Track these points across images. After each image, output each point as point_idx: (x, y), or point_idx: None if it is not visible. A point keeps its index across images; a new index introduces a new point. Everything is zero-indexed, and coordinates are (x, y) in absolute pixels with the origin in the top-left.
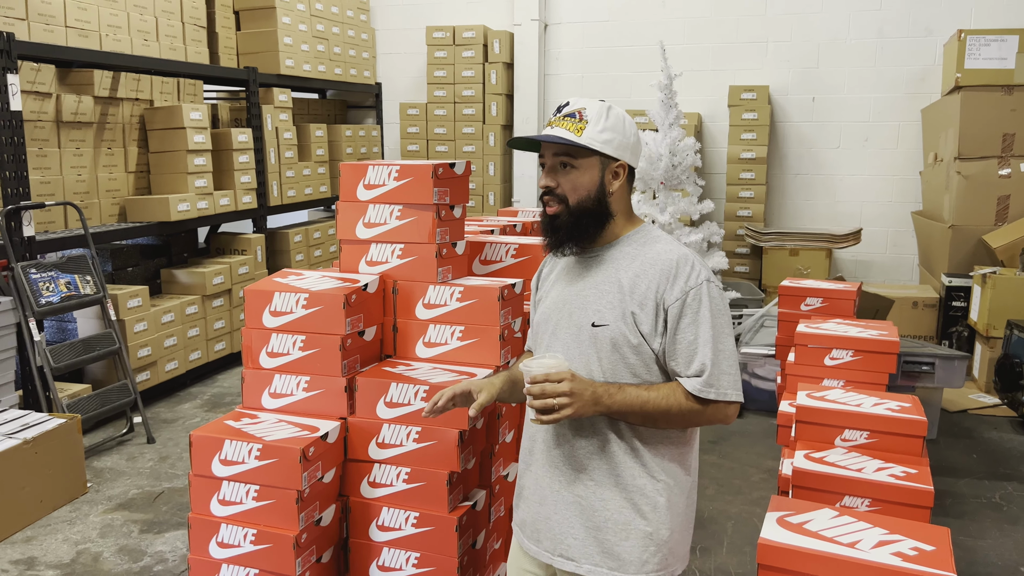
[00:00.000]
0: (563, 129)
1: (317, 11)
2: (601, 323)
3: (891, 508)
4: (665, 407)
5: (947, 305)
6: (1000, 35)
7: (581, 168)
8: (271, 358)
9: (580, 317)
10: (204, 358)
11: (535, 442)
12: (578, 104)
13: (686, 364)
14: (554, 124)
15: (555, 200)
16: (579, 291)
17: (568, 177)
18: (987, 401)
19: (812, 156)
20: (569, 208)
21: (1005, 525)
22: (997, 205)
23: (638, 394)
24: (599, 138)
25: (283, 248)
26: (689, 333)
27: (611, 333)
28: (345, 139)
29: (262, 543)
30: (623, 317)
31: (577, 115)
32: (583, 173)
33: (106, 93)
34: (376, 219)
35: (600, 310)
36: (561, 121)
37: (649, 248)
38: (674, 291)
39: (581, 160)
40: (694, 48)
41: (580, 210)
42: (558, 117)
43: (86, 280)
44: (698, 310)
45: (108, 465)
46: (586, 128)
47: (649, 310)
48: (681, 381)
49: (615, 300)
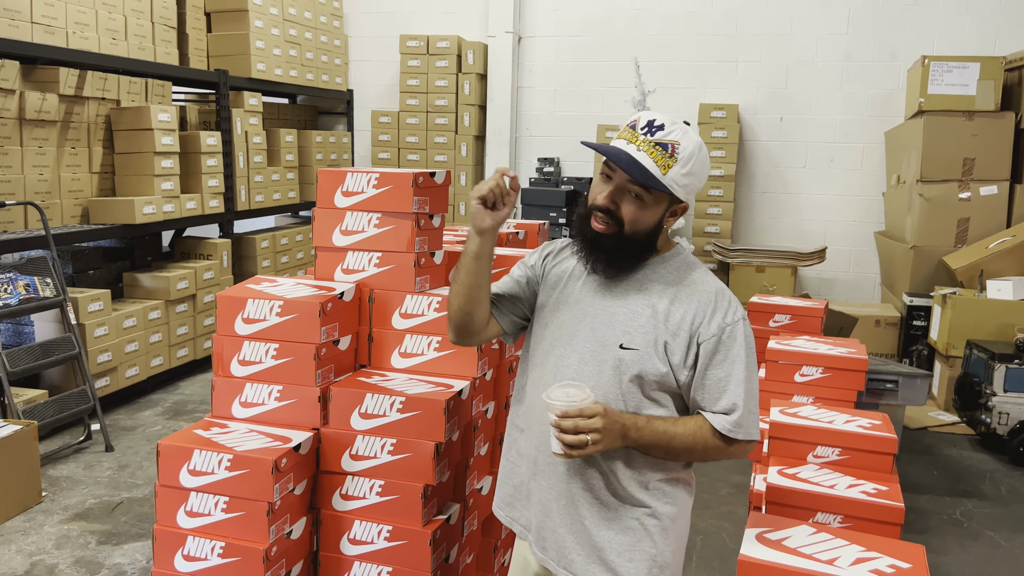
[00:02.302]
0: (649, 158)
1: (290, 16)
2: (630, 347)
3: (862, 525)
4: (691, 444)
5: (908, 324)
6: (962, 62)
7: (649, 205)
8: (243, 366)
9: (606, 335)
10: (166, 364)
11: (540, 452)
12: (673, 134)
13: (713, 400)
14: (640, 145)
15: (608, 221)
16: (607, 306)
17: (632, 208)
18: (946, 419)
19: (779, 175)
20: (621, 235)
21: (966, 541)
22: (957, 227)
23: (665, 429)
24: (681, 181)
25: (249, 254)
26: (721, 370)
27: (638, 358)
28: (315, 145)
29: (230, 556)
30: (654, 344)
31: (670, 148)
32: (648, 209)
33: (72, 91)
34: (354, 227)
35: (630, 332)
36: (651, 148)
37: (686, 276)
38: (711, 326)
39: (653, 197)
40: (666, 65)
41: (630, 241)
42: (647, 140)
43: (46, 283)
44: (731, 347)
45: (64, 474)
46: (673, 167)
47: (681, 341)
48: (708, 417)
49: (648, 325)
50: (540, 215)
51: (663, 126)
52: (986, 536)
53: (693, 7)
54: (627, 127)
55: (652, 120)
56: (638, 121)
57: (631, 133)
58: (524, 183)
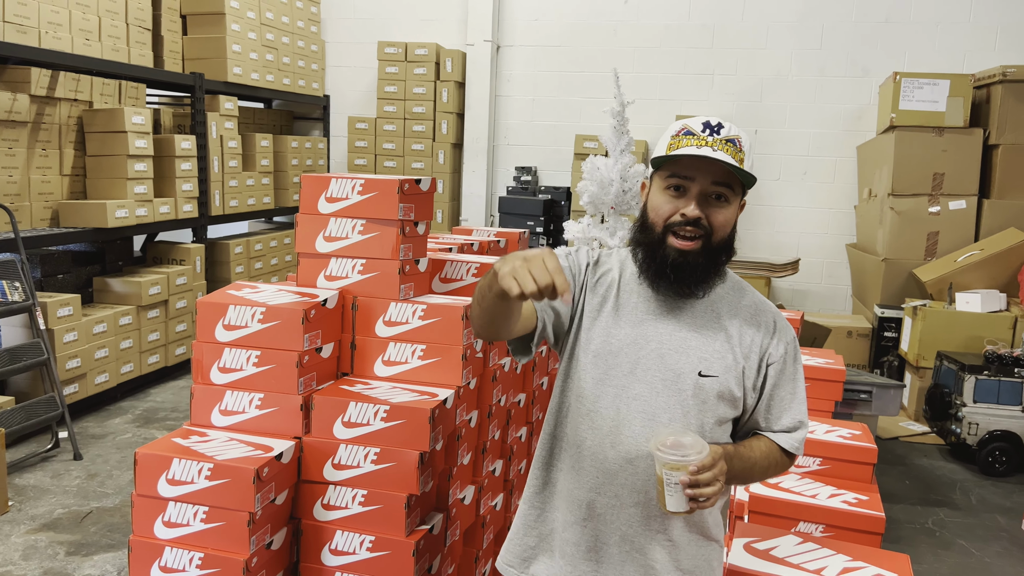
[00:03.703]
0: (728, 156)
1: (267, 20)
2: (710, 373)
3: (844, 534)
4: (765, 467)
5: (879, 335)
6: (933, 79)
7: (732, 204)
8: (223, 373)
9: (679, 363)
10: (137, 371)
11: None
12: (734, 130)
13: (777, 419)
14: (714, 146)
15: (697, 233)
16: (675, 330)
17: (721, 211)
18: (917, 429)
19: (754, 187)
20: (710, 246)
21: (939, 550)
22: (927, 241)
23: (748, 456)
24: (751, 172)
25: (223, 259)
26: (786, 389)
27: (719, 386)
28: (291, 150)
29: (209, 567)
30: (733, 370)
31: (737, 143)
32: (731, 209)
33: (43, 92)
34: (337, 233)
35: (707, 359)
36: (723, 145)
37: (742, 296)
38: (780, 348)
39: (735, 194)
40: (643, 77)
41: (718, 248)
42: (718, 139)
43: (14, 287)
44: (795, 365)
45: (31, 483)
46: (745, 160)
47: (753, 364)
48: (774, 438)
49: (724, 350)
50: (517, 223)
51: (721, 124)
52: (958, 545)
53: (670, 20)
54: (681, 135)
55: (707, 121)
56: (691, 126)
57: (695, 139)
58: (501, 191)
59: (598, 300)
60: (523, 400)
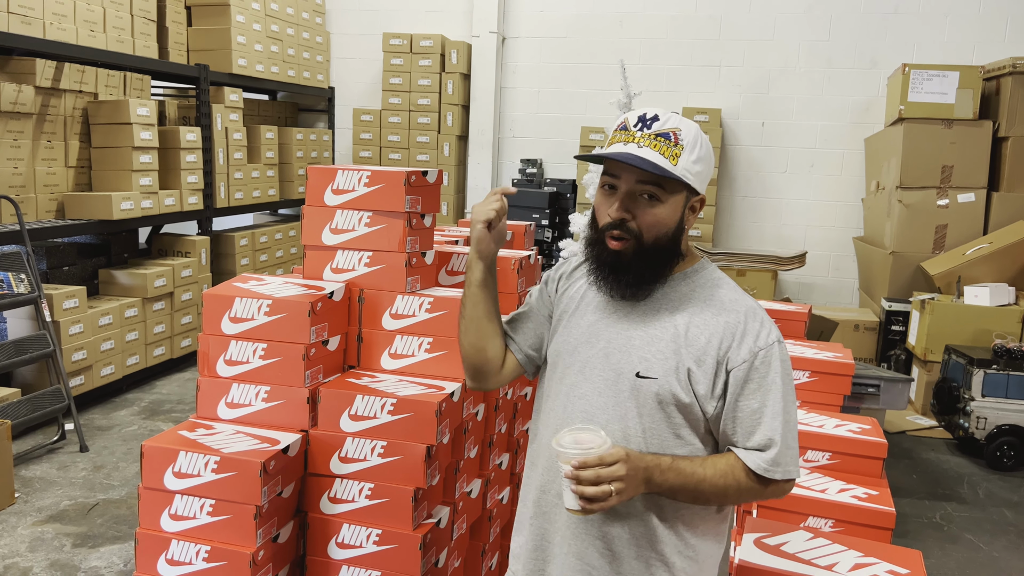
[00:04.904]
0: (655, 152)
1: (272, 11)
2: (648, 375)
3: (854, 529)
4: (722, 487)
5: (886, 329)
6: (942, 71)
7: (666, 203)
8: (229, 366)
9: (621, 361)
10: (142, 363)
11: (544, 493)
12: (672, 122)
13: (746, 435)
14: (640, 141)
15: (625, 235)
16: (622, 330)
17: (651, 211)
18: (924, 423)
19: (760, 179)
20: (642, 246)
21: (946, 544)
22: (935, 234)
23: (693, 471)
24: (693, 170)
25: (228, 251)
26: (754, 400)
27: (657, 388)
28: (296, 142)
29: (216, 560)
30: (675, 372)
31: (672, 137)
32: (666, 209)
33: (48, 84)
34: (344, 225)
35: (647, 359)
36: (652, 141)
37: (711, 293)
38: (741, 351)
39: (668, 194)
40: (649, 69)
41: (653, 249)
42: (647, 134)
43: (20, 278)
44: (766, 375)
45: (38, 474)
46: (681, 156)
47: (708, 368)
48: (740, 455)
49: (668, 351)
50: (523, 216)
51: (657, 116)
52: (966, 540)
53: (677, 11)
54: (618, 130)
55: (643, 114)
56: (628, 120)
57: (626, 134)
58: (506, 184)
59: (564, 305)
60: (529, 393)
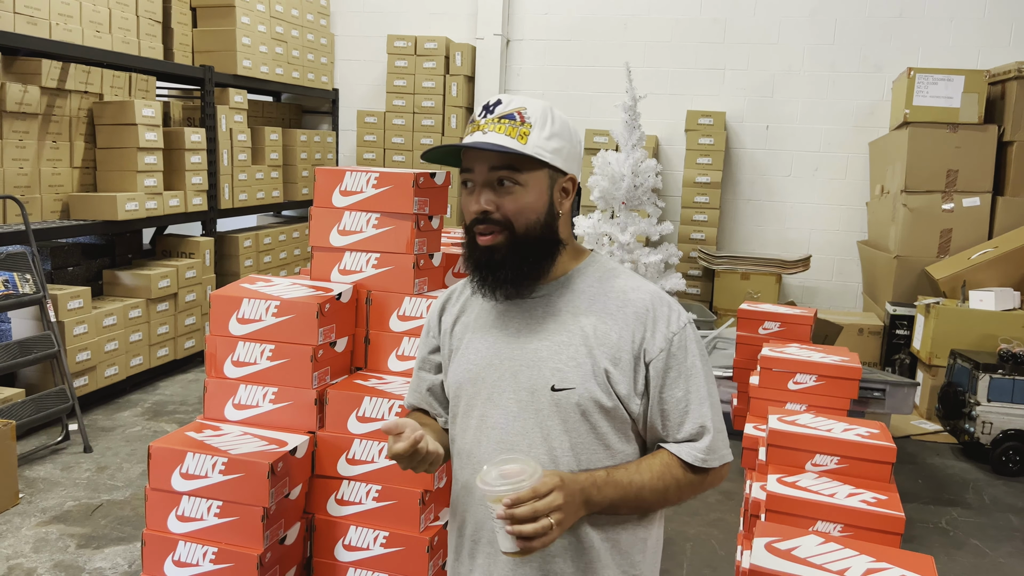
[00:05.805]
0: (500, 135)
1: (277, 13)
2: (564, 386)
3: (863, 534)
4: (662, 489)
5: (891, 333)
6: (947, 75)
7: (527, 185)
8: (236, 367)
9: (532, 378)
10: (146, 364)
11: (481, 531)
12: (515, 102)
13: (676, 426)
14: (486, 128)
15: (493, 228)
16: (525, 344)
17: (511, 197)
18: (929, 427)
19: (764, 183)
20: (514, 237)
21: (952, 550)
22: (940, 238)
23: (630, 481)
24: (548, 147)
25: (232, 252)
26: (678, 389)
27: (577, 398)
28: (300, 144)
29: (223, 562)
30: (593, 376)
31: (517, 117)
32: (529, 192)
33: (54, 84)
34: (352, 227)
35: (560, 369)
36: (496, 124)
37: (610, 286)
38: (656, 340)
39: (527, 175)
40: (654, 71)
41: (527, 239)
42: (491, 119)
43: (25, 279)
44: (684, 359)
45: (42, 475)
46: (531, 134)
47: (625, 366)
48: (673, 450)
49: (580, 356)
50: None
51: (499, 101)
52: (971, 545)
53: (682, 15)
54: (467, 126)
55: (487, 103)
56: (474, 114)
57: (472, 125)
58: None
59: (459, 333)
60: None
